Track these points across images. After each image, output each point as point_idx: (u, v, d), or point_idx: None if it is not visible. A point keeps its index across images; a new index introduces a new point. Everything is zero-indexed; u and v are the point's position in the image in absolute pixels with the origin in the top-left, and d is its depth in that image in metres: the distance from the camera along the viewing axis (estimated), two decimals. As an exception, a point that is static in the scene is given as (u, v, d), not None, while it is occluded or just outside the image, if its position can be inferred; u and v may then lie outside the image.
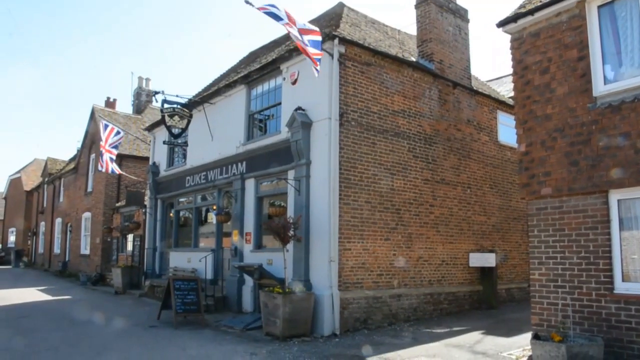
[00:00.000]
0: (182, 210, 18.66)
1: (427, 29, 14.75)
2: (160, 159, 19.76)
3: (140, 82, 34.04)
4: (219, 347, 9.91)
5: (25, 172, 47.15)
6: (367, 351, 9.45)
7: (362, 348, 9.71)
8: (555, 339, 6.94)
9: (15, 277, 29.05)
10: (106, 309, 15.72)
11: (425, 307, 13.08)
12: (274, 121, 13.89)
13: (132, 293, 19.50)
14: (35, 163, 48.09)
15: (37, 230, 41.15)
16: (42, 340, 10.73)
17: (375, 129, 12.47)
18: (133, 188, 24.86)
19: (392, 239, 12.54)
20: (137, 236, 22.27)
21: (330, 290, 11.02)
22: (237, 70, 18.43)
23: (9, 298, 18.08)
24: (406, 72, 13.51)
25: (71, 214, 32.33)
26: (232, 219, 14.66)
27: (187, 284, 12.91)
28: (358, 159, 11.97)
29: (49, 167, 38.80)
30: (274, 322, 10.62)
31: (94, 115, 29.54)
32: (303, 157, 11.95)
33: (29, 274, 32.14)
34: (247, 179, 14.23)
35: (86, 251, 29.22)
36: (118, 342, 10.44)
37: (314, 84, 11.71)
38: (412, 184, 13.20)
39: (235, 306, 13.93)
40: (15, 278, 28.50)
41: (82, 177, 30.93)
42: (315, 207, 11.64)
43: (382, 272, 12.23)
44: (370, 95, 12.50)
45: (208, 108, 16.17)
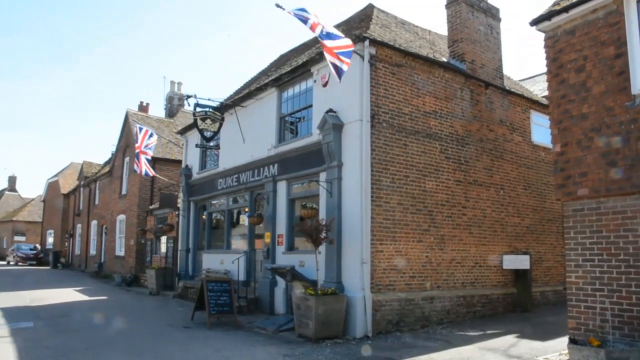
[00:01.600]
0: (215, 212, 18.84)
1: (458, 29, 14.62)
2: (193, 161, 19.99)
3: (173, 86, 34.51)
4: (252, 349, 9.97)
5: (63, 176, 48.20)
6: (399, 354, 9.41)
7: (394, 350, 9.68)
8: (593, 344, 6.79)
9: (53, 278, 29.72)
10: (141, 310, 16.00)
11: (458, 310, 12.94)
12: (305, 123, 13.93)
13: (166, 294, 19.76)
14: (72, 167, 49.13)
15: (74, 232, 42.01)
16: (81, 339, 10.97)
17: (406, 130, 12.41)
18: (166, 190, 25.21)
19: (424, 241, 12.46)
20: (171, 238, 22.56)
21: (363, 292, 11.00)
22: (267, 73, 18.54)
23: (48, 298, 18.52)
24: (437, 72, 13.41)
25: (106, 216, 32.93)
26: (264, 221, 14.75)
27: (220, 286, 13.02)
28: (390, 160, 11.93)
29: (85, 171, 39.60)
30: (306, 323, 10.64)
31: (128, 119, 30.06)
32: (335, 159, 11.96)
33: (67, 275, 32.84)
34: (279, 181, 14.31)
35: (121, 253, 29.73)
36: (153, 343, 10.60)
37: (345, 86, 11.72)
38: (444, 185, 13.09)
39: (268, 308, 14.00)
40: (53, 279, 29.15)
41: (116, 180, 31.49)
42: (347, 209, 11.64)
43: (415, 274, 12.16)
44: (402, 96, 12.45)
45: (239, 111, 16.30)
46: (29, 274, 33.27)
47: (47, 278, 29.75)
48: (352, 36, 12.37)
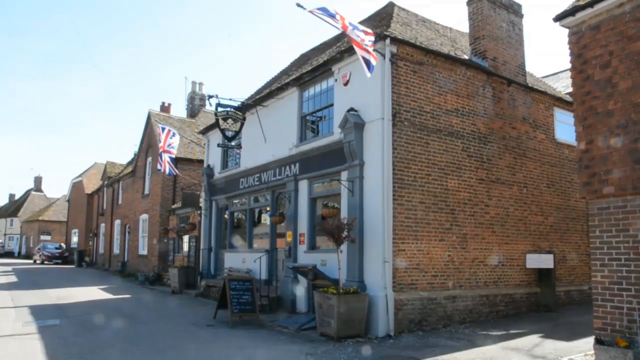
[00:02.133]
0: (237, 211, 18.94)
1: (480, 26, 14.50)
2: (215, 161, 20.12)
3: (194, 87, 34.76)
4: (274, 347, 10.02)
5: (87, 176, 48.87)
6: (422, 353, 9.37)
7: (417, 350, 9.65)
8: (620, 345, 6.70)
9: (78, 276, 30.18)
10: (164, 308, 16.16)
11: (480, 309, 12.85)
12: (326, 122, 13.94)
13: (189, 293, 19.93)
14: (95, 167, 49.80)
15: (98, 232, 42.58)
16: (106, 337, 11.14)
17: (428, 128, 12.35)
18: (188, 190, 25.42)
19: (446, 240, 12.39)
20: (193, 237, 22.74)
21: (385, 291, 10.98)
22: (288, 72, 18.58)
23: (74, 296, 18.82)
24: (459, 70, 13.33)
25: (129, 215, 33.30)
26: (286, 220, 14.80)
27: (242, 284, 13.10)
28: (411, 159, 11.89)
29: (108, 171, 40.11)
30: (328, 322, 10.65)
31: (150, 119, 30.36)
32: (356, 158, 11.95)
33: (91, 273, 33.31)
34: (300, 181, 14.34)
35: (144, 252, 30.04)
36: (176, 341, 10.70)
37: (366, 85, 11.70)
38: (466, 183, 13.00)
39: (290, 306, 14.04)
40: (78, 277, 29.61)
41: (139, 179, 31.82)
42: (369, 207, 11.63)
43: (437, 273, 12.10)
44: (423, 94, 12.39)
45: (261, 111, 16.36)
46: (55, 272, 33.81)
47: (72, 276, 30.21)
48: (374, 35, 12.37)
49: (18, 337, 10.81)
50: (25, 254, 63.29)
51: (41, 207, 69.96)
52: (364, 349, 9.75)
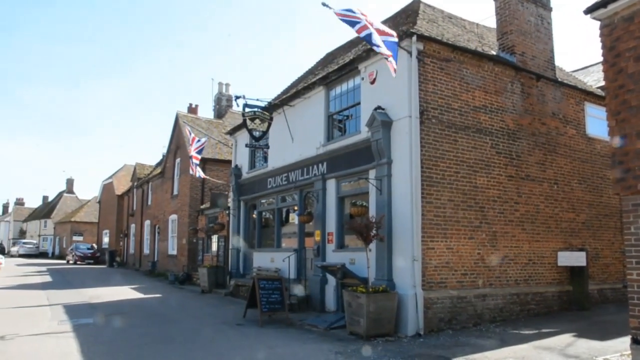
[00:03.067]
0: (265, 211, 19.04)
1: (507, 21, 14.31)
2: (242, 161, 20.25)
3: (220, 88, 35.05)
4: (304, 346, 10.05)
5: (117, 178, 49.62)
6: (452, 352, 9.30)
7: (447, 349, 9.58)
8: (657, 343, 6.56)
9: (110, 276, 30.68)
10: (194, 308, 16.32)
11: (511, 308, 12.69)
12: (354, 121, 13.93)
13: (218, 292, 20.11)
14: (125, 169, 50.55)
15: (128, 232, 43.22)
16: (138, 335, 11.29)
17: (456, 125, 12.25)
18: (216, 190, 25.63)
19: (476, 238, 12.28)
20: (222, 237, 22.93)
21: (414, 289, 10.93)
22: (314, 72, 18.61)
23: (106, 295, 19.15)
24: (487, 66, 13.18)
25: (159, 216, 33.72)
26: (314, 219, 14.82)
27: (272, 284, 13.16)
28: (440, 156, 11.81)
29: (138, 172, 40.69)
30: (357, 321, 10.64)
31: (178, 121, 30.68)
32: (384, 157, 11.92)
33: (122, 273, 33.81)
34: (328, 180, 14.36)
35: (173, 252, 30.40)
36: (207, 339, 10.81)
37: (393, 83, 11.65)
38: (495, 181, 12.86)
39: (318, 305, 14.07)
40: (110, 277, 30.10)
41: (168, 180, 32.19)
42: (397, 206, 11.59)
43: (467, 272, 12.00)
44: (451, 91, 12.30)
45: (288, 110, 16.42)
46: (87, 272, 34.42)
47: (103, 276, 30.74)
48: (399, 32, 12.32)
49: (54, 335, 11.04)
50: (59, 254, 64.55)
51: (73, 209, 71.27)
52: (394, 347, 9.73)
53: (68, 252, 51.47)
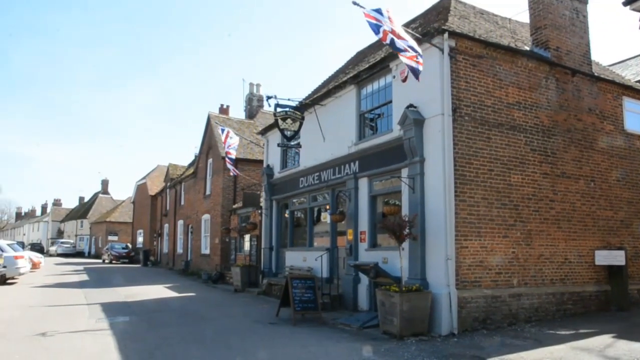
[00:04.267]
0: (297, 210, 19.11)
1: (541, 15, 14.06)
2: (274, 161, 20.36)
3: (251, 88, 35.31)
4: (337, 345, 10.05)
5: (150, 178, 50.39)
6: (487, 352, 9.20)
7: (481, 348, 9.48)
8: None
9: (144, 275, 31.18)
10: (227, 306, 16.47)
11: (547, 308, 12.48)
12: (385, 119, 13.88)
13: (251, 291, 20.25)
14: (158, 169, 51.30)
15: (162, 232, 43.84)
16: (173, 333, 11.45)
17: (489, 123, 12.11)
18: (248, 190, 25.81)
19: (510, 236, 12.11)
20: (254, 236, 23.08)
21: (448, 289, 10.85)
22: (345, 71, 18.60)
23: (141, 294, 19.47)
24: (520, 62, 12.99)
25: (192, 216, 34.12)
26: (346, 218, 14.82)
27: (304, 283, 13.20)
28: (473, 154, 11.69)
29: (171, 173, 41.24)
30: (391, 320, 10.61)
31: (210, 121, 31.01)
32: (416, 155, 11.85)
33: (156, 272, 34.34)
34: (360, 178, 14.34)
35: (206, 251, 30.73)
36: (240, 338, 10.88)
37: (425, 81, 11.56)
38: (530, 178, 12.67)
39: (351, 304, 14.07)
40: (144, 276, 30.59)
41: (200, 181, 32.55)
42: (430, 204, 11.51)
43: (501, 271, 11.84)
44: (483, 88, 12.16)
45: (319, 109, 16.45)
46: (122, 271, 35.03)
47: (138, 275, 31.25)
48: (430, 29, 12.24)
49: (92, 332, 11.28)
50: (95, 253, 65.88)
51: (108, 209, 72.69)
52: (428, 347, 9.67)
53: (103, 252, 52.51)
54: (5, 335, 10.89)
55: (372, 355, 9.12)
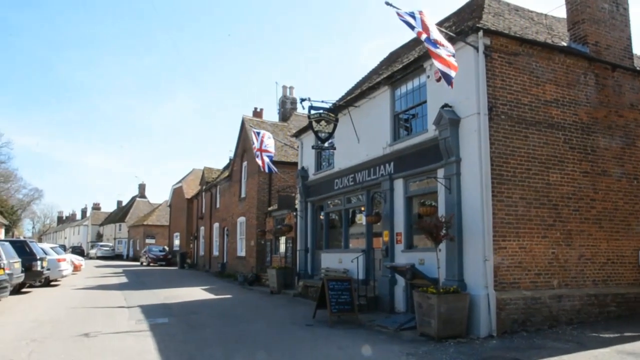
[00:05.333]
0: (332, 212, 19.10)
1: (579, 9, 13.74)
2: (309, 163, 20.41)
3: (285, 91, 35.47)
4: (374, 347, 10.00)
5: (186, 182, 51.08)
6: (527, 355, 9.02)
7: (521, 351, 9.30)
8: None
9: (181, 278, 31.61)
10: (264, 308, 16.56)
11: (589, 310, 12.17)
12: (420, 120, 13.78)
13: (287, 293, 20.33)
14: (194, 173, 51.97)
15: (198, 234, 44.37)
16: (211, 334, 11.56)
17: (526, 121, 11.90)
18: (283, 192, 25.91)
19: (549, 237, 11.88)
20: (289, 238, 23.15)
21: (486, 290, 10.69)
22: (378, 72, 18.53)
23: (179, 296, 19.73)
24: (557, 58, 12.73)
25: (227, 218, 34.43)
26: (382, 220, 14.75)
27: (341, 284, 13.19)
28: (510, 153, 11.51)
29: (206, 176, 41.71)
30: (428, 322, 10.52)
31: (244, 125, 31.26)
32: (452, 155, 11.73)
33: (193, 275, 34.77)
34: (395, 179, 14.26)
35: (242, 253, 30.96)
36: (278, 339, 10.93)
37: (460, 80, 11.42)
38: (569, 177, 12.40)
39: (388, 306, 13.99)
40: (181, 278, 31.01)
41: (235, 183, 32.82)
42: (467, 205, 11.38)
43: (541, 272, 11.62)
44: (520, 86, 11.96)
45: (353, 111, 16.42)
46: (160, 273, 35.61)
47: (175, 277, 31.71)
48: (464, 27, 12.11)
49: (133, 333, 11.46)
50: (133, 256, 67.13)
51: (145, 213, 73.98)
52: (466, 349, 9.55)
53: (141, 254, 53.43)
54: (53, 335, 11.19)
55: (411, 357, 9.04)
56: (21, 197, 75.70)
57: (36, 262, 20.43)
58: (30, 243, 21.83)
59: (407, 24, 10.37)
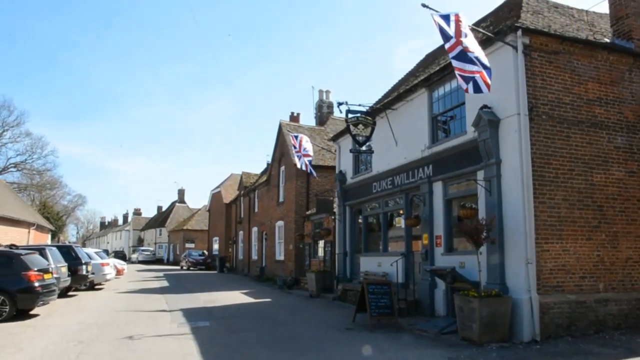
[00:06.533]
0: (370, 215, 19.05)
1: (623, 4, 13.35)
2: (346, 167, 20.40)
3: (321, 95, 35.59)
4: (415, 351, 9.94)
5: (224, 187, 51.67)
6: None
7: (567, 357, 9.13)
8: None
9: (221, 281, 31.98)
10: (303, 312, 16.61)
11: (638, 314, 11.79)
12: (458, 122, 13.63)
13: (326, 297, 20.34)
14: (232, 178, 52.53)
15: (237, 239, 44.80)
16: (252, 338, 11.66)
17: (568, 121, 11.66)
18: (321, 196, 25.97)
19: (594, 239, 11.58)
20: (328, 242, 23.19)
21: (529, 293, 10.49)
22: (415, 74, 18.42)
23: (219, 300, 19.97)
24: (600, 55, 12.42)
25: (265, 222, 34.69)
26: (421, 223, 14.63)
27: (380, 288, 13.14)
28: (552, 154, 11.29)
29: (244, 181, 42.14)
30: (469, 326, 10.39)
31: (282, 129, 31.48)
32: (492, 157, 11.57)
33: (232, 278, 35.12)
34: (434, 182, 14.14)
35: (281, 257, 31.14)
36: (318, 343, 10.95)
37: (499, 80, 11.29)
38: (614, 177, 12.07)
39: (428, 310, 13.87)
40: (221, 282, 31.38)
41: (273, 188, 33.05)
42: (508, 207, 11.20)
43: (585, 275, 11.34)
44: (561, 85, 11.72)
45: (390, 114, 16.36)
46: (200, 277, 36.06)
47: (215, 281, 32.09)
48: (502, 27, 11.94)
49: (175, 336, 11.65)
50: (173, 260, 68.21)
51: (185, 217, 75.15)
52: (509, 354, 9.42)
53: (181, 259, 54.25)
54: (99, 337, 11.47)
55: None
56: (66, 203, 78.02)
57: (81, 266, 21.00)
58: (76, 248, 22.46)
59: (441, 32, 10.27)
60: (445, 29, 10.22)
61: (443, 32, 10.24)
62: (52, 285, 15.42)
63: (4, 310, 13.79)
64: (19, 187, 56.63)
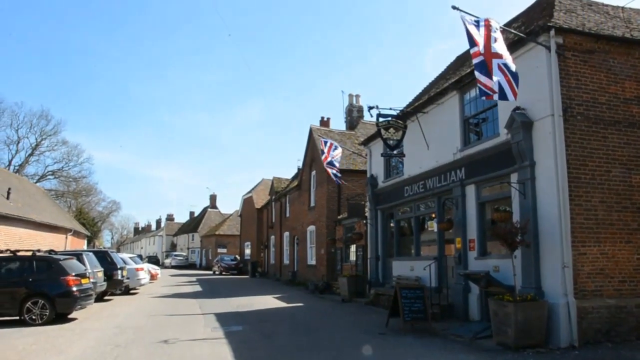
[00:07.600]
0: (402, 219, 18.94)
1: (660, 2, 13.06)
2: (377, 171, 20.34)
3: (351, 99, 35.56)
4: (449, 356, 9.83)
5: (256, 192, 51.94)
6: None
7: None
8: None
9: (253, 286, 32.14)
10: (335, 317, 16.57)
11: (681, 319, 11.46)
12: (491, 124, 13.46)
13: (358, 301, 20.26)
14: (263, 183, 52.77)
15: (268, 243, 45.00)
16: (285, 343, 11.70)
17: (604, 121, 11.41)
18: (352, 200, 25.90)
19: (634, 242, 11.28)
20: (360, 246, 23.11)
21: (566, 298, 10.29)
22: (446, 76, 18.27)
23: (252, 304, 20.07)
24: (637, 53, 12.11)
25: (297, 227, 34.76)
26: (454, 226, 14.48)
27: (413, 292, 13.04)
28: (587, 155, 11.06)
29: (275, 186, 42.30)
30: (505, 331, 10.22)
31: (312, 134, 31.54)
32: (526, 159, 11.39)
33: (264, 283, 35.26)
34: (466, 185, 13.99)
35: (312, 261, 31.15)
36: (351, 349, 10.87)
37: (532, 81, 11.13)
38: (654, 179, 11.76)
39: (462, 314, 13.71)
40: (253, 286, 31.54)
41: (305, 193, 33.12)
42: (543, 210, 11.01)
43: (625, 279, 11.05)
44: (596, 85, 11.49)
45: (421, 117, 16.27)
46: (232, 282, 36.34)
47: (247, 286, 32.28)
48: (535, 27, 11.77)
49: (209, 341, 11.75)
50: (205, 265, 68.82)
51: (217, 223, 75.82)
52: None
53: (214, 263, 54.68)
54: (135, 341, 11.65)
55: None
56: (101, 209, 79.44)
57: (117, 271, 21.39)
58: (111, 253, 22.89)
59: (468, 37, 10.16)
60: (473, 34, 10.11)
61: (470, 37, 10.14)
62: (89, 289, 15.75)
63: (44, 313, 14.22)
64: (57, 194, 57.99)
